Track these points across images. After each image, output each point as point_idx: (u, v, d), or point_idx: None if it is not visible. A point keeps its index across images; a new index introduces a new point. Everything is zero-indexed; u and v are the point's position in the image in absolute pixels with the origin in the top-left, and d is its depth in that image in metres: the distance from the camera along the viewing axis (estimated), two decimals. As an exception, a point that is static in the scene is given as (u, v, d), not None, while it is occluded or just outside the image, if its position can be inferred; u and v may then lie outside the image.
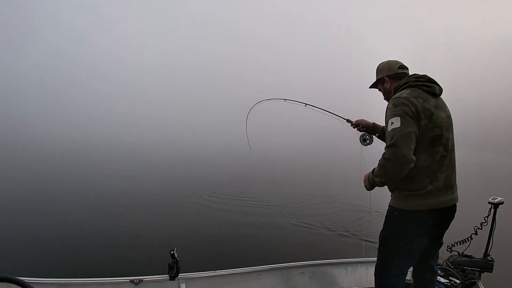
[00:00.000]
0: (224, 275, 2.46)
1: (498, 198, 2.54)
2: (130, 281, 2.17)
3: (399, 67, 1.88)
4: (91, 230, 5.68)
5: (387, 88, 1.90)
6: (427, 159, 1.62)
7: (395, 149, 1.55)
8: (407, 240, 1.70)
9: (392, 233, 1.76)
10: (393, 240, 1.74)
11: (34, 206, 7.25)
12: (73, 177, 12.14)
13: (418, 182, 1.63)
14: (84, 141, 33.68)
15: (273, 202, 8.41)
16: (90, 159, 19.00)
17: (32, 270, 3.86)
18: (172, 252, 2.32)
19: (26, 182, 10.47)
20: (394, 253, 1.74)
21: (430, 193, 1.63)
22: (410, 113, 1.58)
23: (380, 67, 1.94)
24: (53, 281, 2.03)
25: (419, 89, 1.69)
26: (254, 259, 4.23)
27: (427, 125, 1.61)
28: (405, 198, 1.67)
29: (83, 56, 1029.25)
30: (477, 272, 2.54)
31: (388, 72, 1.89)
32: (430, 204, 1.64)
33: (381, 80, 1.93)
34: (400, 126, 1.56)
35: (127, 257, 4.44)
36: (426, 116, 1.61)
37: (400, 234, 1.71)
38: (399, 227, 1.72)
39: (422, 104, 1.62)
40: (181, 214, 7.06)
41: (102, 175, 12.86)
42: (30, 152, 21.88)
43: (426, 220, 1.66)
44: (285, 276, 2.66)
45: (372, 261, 2.85)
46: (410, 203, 1.65)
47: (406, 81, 1.77)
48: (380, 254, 1.83)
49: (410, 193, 1.65)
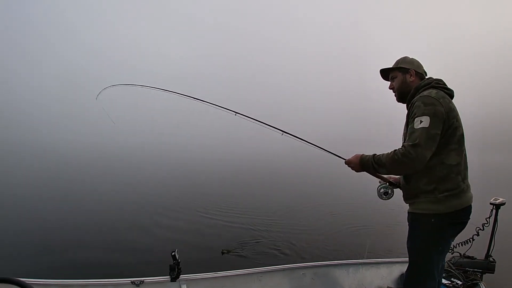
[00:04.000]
0: (226, 276, 2.45)
1: (499, 199, 2.53)
2: (131, 282, 2.16)
3: (424, 72, 1.88)
4: (91, 230, 5.69)
5: (409, 81, 1.84)
6: (457, 158, 1.64)
7: (420, 149, 1.55)
8: (445, 243, 1.70)
9: (430, 241, 1.68)
10: (434, 247, 1.68)
11: (34, 207, 7.27)
12: (76, 180, 12.18)
13: (452, 181, 1.63)
14: (93, 147, 33.80)
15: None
16: (99, 164, 19.13)
17: (32, 271, 3.86)
18: (174, 253, 2.31)
19: (32, 184, 10.53)
20: (436, 260, 1.70)
21: (463, 192, 1.66)
22: (439, 114, 1.60)
23: (408, 59, 1.89)
24: (54, 282, 2.02)
25: (441, 91, 1.71)
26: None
27: (455, 124, 1.64)
28: (442, 201, 1.63)
29: (96, 68, 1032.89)
30: (479, 273, 2.53)
31: (417, 69, 1.85)
32: (465, 202, 1.66)
33: (406, 70, 1.86)
34: (428, 126, 1.57)
35: (128, 259, 4.45)
36: (453, 116, 1.64)
37: (439, 240, 1.68)
38: (438, 232, 1.67)
39: (448, 105, 1.65)
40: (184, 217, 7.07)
41: (103, 180, 12.91)
42: (42, 156, 22.04)
43: (461, 219, 1.68)
44: (287, 277, 2.65)
45: (374, 263, 2.84)
46: (449, 204, 1.63)
47: (428, 82, 1.77)
48: (418, 265, 1.73)
49: (448, 194, 1.63)
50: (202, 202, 8.44)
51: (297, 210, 8.38)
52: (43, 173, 13.75)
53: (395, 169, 1.67)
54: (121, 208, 7.62)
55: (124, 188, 10.91)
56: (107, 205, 7.87)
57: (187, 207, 7.92)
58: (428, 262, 1.70)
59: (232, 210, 7.78)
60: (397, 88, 1.88)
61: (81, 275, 3.26)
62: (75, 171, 15.38)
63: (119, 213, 7.13)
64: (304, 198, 10.24)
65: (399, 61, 1.91)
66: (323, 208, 8.77)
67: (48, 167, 16.76)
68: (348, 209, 8.65)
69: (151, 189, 10.56)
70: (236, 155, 35.99)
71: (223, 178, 15.18)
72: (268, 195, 10.71)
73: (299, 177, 18.28)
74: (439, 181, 1.63)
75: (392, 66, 1.92)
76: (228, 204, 8.48)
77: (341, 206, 9.10)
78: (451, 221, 1.65)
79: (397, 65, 1.89)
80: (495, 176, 22.85)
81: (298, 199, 10.12)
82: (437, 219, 1.64)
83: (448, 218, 1.64)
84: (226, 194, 10.24)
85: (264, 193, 11.14)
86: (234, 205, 8.37)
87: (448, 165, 1.62)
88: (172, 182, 12.94)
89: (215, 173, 17.40)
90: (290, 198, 10.16)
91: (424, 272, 1.70)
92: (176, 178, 14.73)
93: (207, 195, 9.75)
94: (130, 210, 7.43)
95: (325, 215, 7.85)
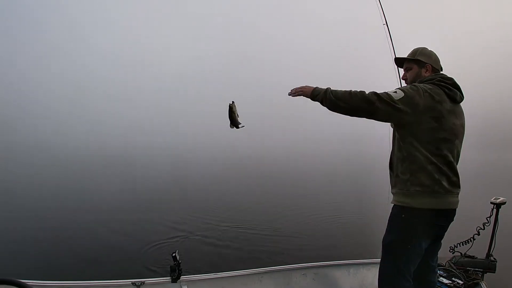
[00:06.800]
0: (226, 277, 2.46)
1: (500, 198, 2.52)
2: (132, 283, 2.16)
3: (440, 68, 1.83)
4: (92, 230, 5.69)
5: (424, 76, 1.79)
6: (431, 158, 1.60)
7: (380, 98, 1.55)
8: (417, 243, 1.66)
9: (401, 235, 1.68)
10: (403, 244, 1.67)
11: (35, 208, 7.28)
12: (77, 180, 12.19)
13: (427, 176, 1.61)
14: (96, 147, 33.84)
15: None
16: (105, 163, 19.21)
17: (34, 272, 3.86)
18: (174, 254, 2.31)
19: (33, 184, 10.54)
20: (405, 258, 1.67)
21: (437, 193, 1.62)
22: (414, 100, 1.57)
23: (427, 51, 1.82)
24: (55, 283, 2.03)
25: (441, 90, 1.66)
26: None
27: (431, 124, 1.60)
28: (413, 195, 1.63)
29: (109, 71, 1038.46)
30: (479, 273, 2.52)
31: (433, 64, 1.79)
32: (442, 204, 1.63)
33: (423, 64, 1.80)
34: (398, 98, 1.56)
35: (128, 259, 4.45)
36: (432, 115, 1.59)
37: (410, 237, 1.66)
38: (409, 228, 1.66)
39: (431, 102, 1.60)
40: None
41: (105, 180, 12.93)
42: (43, 157, 22.10)
43: (433, 220, 1.65)
44: (287, 278, 2.65)
45: (375, 263, 2.84)
46: (420, 201, 1.62)
47: (432, 77, 1.73)
48: (387, 261, 1.73)
49: (418, 190, 1.61)
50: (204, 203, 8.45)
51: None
52: (48, 172, 13.81)
53: (346, 100, 1.59)
54: (120, 208, 7.63)
55: (125, 188, 10.92)
56: (110, 204, 7.90)
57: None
58: (395, 256, 1.68)
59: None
60: (410, 81, 1.82)
61: (82, 276, 3.27)
62: (79, 170, 15.44)
63: (119, 213, 7.14)
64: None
65: (416, 51, 1.82)
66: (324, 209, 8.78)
67: (53, 165, 16.83)
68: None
69: (154, 188, 10.57)
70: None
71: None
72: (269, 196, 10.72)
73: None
74: (413, 173, 1.62)
75: (409, 56, 1.84)
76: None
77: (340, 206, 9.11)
78: (425, 220, 1.63)
79: (414, 56, 1.81)
80: (496, 175, 22.80)
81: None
82: (408, 213, 1.65)
83: (423, 215, 1.62)
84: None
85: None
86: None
87: (425, 158, 1.60)
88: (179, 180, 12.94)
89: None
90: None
91: (394, 268, 1.68)
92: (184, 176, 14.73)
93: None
94: (130, 210, 7.44)
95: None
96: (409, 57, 1.85)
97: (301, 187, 13.15)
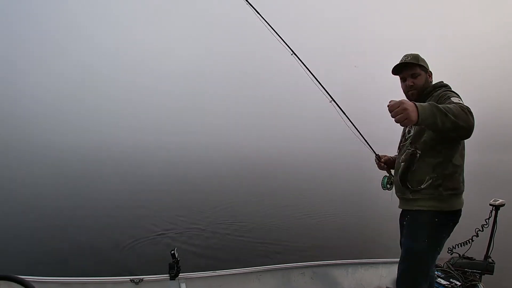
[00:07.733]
0: (225, 275, 2.46)
1: (499, 200, 2.52)
2: (131, 280, 2.16)
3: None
4: (92, 230, 5.69)
5: (427, 81, 1.80)
6: (461, 160, 1.65)
7: (471, 115, 1.42)
8: (442, 245, 1.69)
9: (433, 241, 1.66)
10: (434, 248, 1.66)
11: (36, 207, 7.28)
12: (77, 178, 12.20)
13: (456, 181, 1.64)
14: (98, 147, 33.79)
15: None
16: (108, 163, 19.22)
17: (33, 268, 3.87)
18: (173, 252, 2.32)
19: (35, 183, 10.55)
20: (432, 261, 1.70)
21: (461, 193, 1.67)
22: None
23: (422, 58, 1.80)
24: (54, 280, 2.02)
25: None
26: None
27: None
28: (447, 199, 1.63)
29: (110, 69, 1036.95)
30: (477, 274, 2.53)
31: (428, 71, 1.83)
32: (462, 204, 1.67)
33: (426, 70, 1.80)
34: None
35: (127, 257, 4.46)
36: None
37: (441, 240, 1.68)
38: (441, 231, 1.66)
39: None
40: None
41: (106, 179, 12.94)
42: (46, 156, 22.10)
43: (457, 220, 1.68)
44: (286, 276, 2.65)
45: (373, 263, 2.84)
46: (451, 203, 1.64)
47: (445, 84, 1.78)
48: (415, 266, 1.69)
49: (452, 193, 1.62)
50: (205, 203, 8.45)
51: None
52: (51, 171, 13.81)
53: (461, 118, 1.38)
54: (121, 207, 7.63)
55: (124, 186, 10.93)
56: (111, 203, 7.90)
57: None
58: (425, 263, 1.67)
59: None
60: (421, 87, 1.78)
61: (81, 273, 3.28)
62: (82, 169, 15.46)
63: (119, 212, 7.14)
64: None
65: (417, 56, 1.79)
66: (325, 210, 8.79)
67: (56, 165, 16.84)
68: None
69: (156, 188, 10.58)
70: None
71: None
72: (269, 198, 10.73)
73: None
74: (446, 178, 1.61)
75: (411, 60, 1.79)
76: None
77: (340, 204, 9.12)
78: (451, 221, 1.66)
79: (417, 61, 1.78)
80: (495, 177, 22.84)
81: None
82: (441, 217, 1.63)
83: (450, 217, 1.65)
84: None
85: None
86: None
87: (455, 165, 1.62)
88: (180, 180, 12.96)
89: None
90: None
91: (421, 273, 1.67)
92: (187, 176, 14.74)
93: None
94: (131, 209, 7.44)
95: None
96: (412, 61, 1.79)
97: (299, 186, 13.17)
